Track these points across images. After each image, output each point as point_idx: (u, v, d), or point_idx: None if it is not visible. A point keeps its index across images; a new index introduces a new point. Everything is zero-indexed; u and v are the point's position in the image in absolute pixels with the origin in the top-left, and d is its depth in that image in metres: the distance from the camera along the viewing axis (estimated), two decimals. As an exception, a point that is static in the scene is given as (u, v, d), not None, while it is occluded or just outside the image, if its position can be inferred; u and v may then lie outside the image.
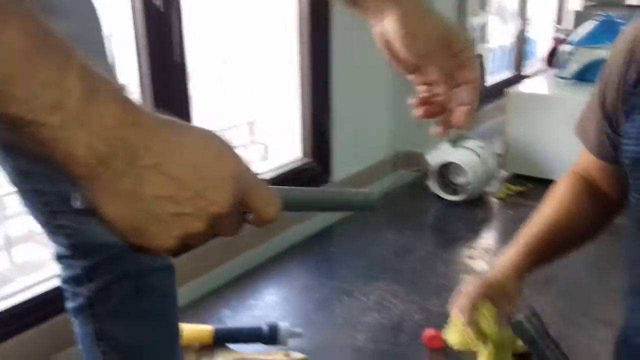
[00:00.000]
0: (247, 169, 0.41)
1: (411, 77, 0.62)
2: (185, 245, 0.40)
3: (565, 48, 2.04)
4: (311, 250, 1.49)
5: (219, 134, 0.41)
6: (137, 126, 0.37)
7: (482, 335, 0.79)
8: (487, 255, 1.43)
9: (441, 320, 1.14)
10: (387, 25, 0.57)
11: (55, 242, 0.69)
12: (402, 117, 1.91)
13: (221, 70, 1.97)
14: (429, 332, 1.08)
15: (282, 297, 1.28)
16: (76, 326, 0.73)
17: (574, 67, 1.97)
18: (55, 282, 0.98)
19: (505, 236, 1.56)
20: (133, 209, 0.37)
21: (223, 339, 1.06)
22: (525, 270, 0.84)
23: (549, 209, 0.89)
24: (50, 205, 0.65)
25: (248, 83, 1.86)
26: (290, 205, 0.45)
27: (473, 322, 0.78)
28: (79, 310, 0.71)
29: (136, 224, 0.38)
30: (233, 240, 1.36)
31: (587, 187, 0.89)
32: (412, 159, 1.92)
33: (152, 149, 0.37)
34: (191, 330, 1.06)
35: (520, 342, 0.81)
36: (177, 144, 0.38)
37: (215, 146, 0.40)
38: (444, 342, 1.06)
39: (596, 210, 0.88)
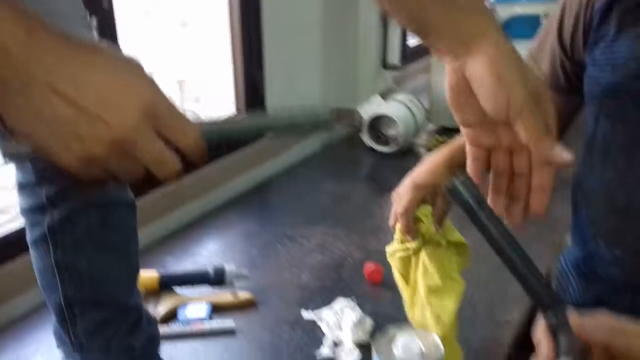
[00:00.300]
0: (163, 99, 0.41)
1: (472, 138, 0.52)
2: (96, 168, 0.40)
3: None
4: (251, 202, 1.50)
5: (139, 63, 0.41)
6: (36, 44, 0.37)
7: (421, 238, 0.81)
8: (419, 199, 1.50)
9: (379, 257, 1.21)
10: (473, 67, 0.48)
11: (20, 167, 0.68)
12: (333, 74, 1.94)
13: (147, 25, 1.92)
14: (369, 266, 1.14)
15: (225, 244, 1.30)
16: (35, 259, 0.71)
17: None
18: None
19: (436, 182, 1.64)
20: (35, 127, 0.38)
21: (169, 283, 1.06)
22: (457, 161, 0.81)
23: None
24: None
25: (176, 40, 1.83)
26: (216, 135, 0.45)
27: (411, 229, 0.78)
28: (39, 241, 0.70)
29: (40, 142, 0.39)
30: (172, 194, 1.36)
31: None
32: (345, 114, 1.96)
33: (49, 68, 0.37)
34: (136, 276, 1.06)
35: (455, 236, 0.84)
36: (80, 65, 0.38)
37: (127, 71, 0.40)
38: (383, 274, 1.13)
39: None
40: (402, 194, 0.79)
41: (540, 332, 0.49)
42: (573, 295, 0.92)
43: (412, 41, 2.58)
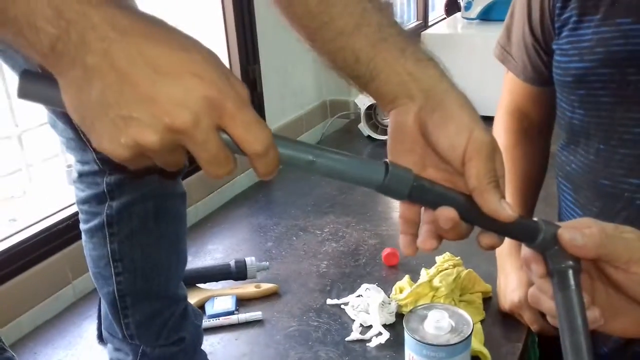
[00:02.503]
0: (233, 91, 0.35)
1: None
2: (141, 157, 0.35)
3: (469, -9, 2.16)
4: (258, 197, 1.52)
5: (210, 49, 0.36)
6: (90, 9, 0.32)
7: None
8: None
9: (393, 241, 1.23)
10: (436, 107, 0.45)
11: (81, 158, 0.69)
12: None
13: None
14: (386, 250, 1.16)
15: (240, 239, 1.31)
16: (89, 249, 0.72)
17: (477, 8, 2.11)
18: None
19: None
20: (83, 100, 0.33)
21: (192, 279, 1.07)
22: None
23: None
24: None
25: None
26: (285, 156, 0.39)
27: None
28: (95, 230, 0.70)
29: (86, 119, 0.34)
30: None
31: (521, 128, 0.95)
32: (339, 106, 1.99)
33: (106, 35, 0.32)
34: (160, 274, 1.07)
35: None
36: (141, 37, 0.33)
37: (195, 52, 0.34)
38: (399, 258, 1.15)
39: (534, 145, 0.97)
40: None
41: (528, 252, 0.48)
42: None
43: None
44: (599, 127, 0.78)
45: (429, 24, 2.95)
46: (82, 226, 0.73)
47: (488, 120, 1.97)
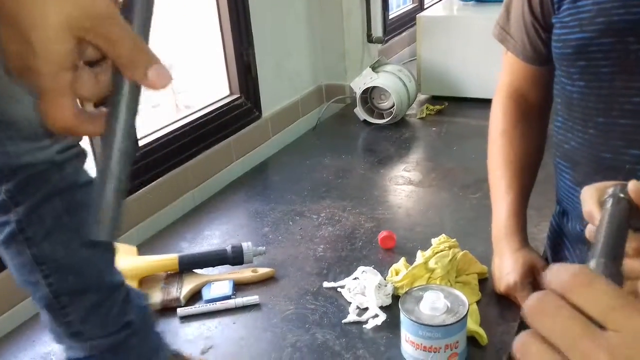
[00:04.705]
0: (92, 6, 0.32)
1: None
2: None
3: (465, -27, 2.14)
4: (254, 182, 1.51)
5: None
6: None
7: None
8: (418, 167, 1.53)
9: (389, 224, 1.24)
10: None
11: None
12: (320, 50, 1.95)
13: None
14: (382, 234, 1.17)
15: (236, 225, 1.31)
16: (9, 259, 0.71)
17: (474, -10, 2.09)
18: None
19: (432, 149, 1.68)
20: None
21: (188, 265, 1.07)
22: (524, 234, 0.93)
23: (501, 158, 0.95)
24: None
25: (164, 24, 1.81)
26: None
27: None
28: (9, 240, 0.69)
29: None
30: (176, 182, 1.36)
31: (519, 110, 0.95)
32: (335, 90, 1.98)
33: None
34: (156, 260, 1.07)
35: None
36: None
37: None
38: (395, 241, 1.16)
39: (533, 127, 0.96)
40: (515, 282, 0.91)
41: (592, 205, 0.45)
42: (567, 258, 0.93)
43: (392, 14, 2.58)
44: (599, 99, 0.78)
45: (425, 6, 2.93)
46: None
47: (484, 102, 1.96)
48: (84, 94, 0.34)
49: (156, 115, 1.89)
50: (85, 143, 0.73)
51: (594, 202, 0.45)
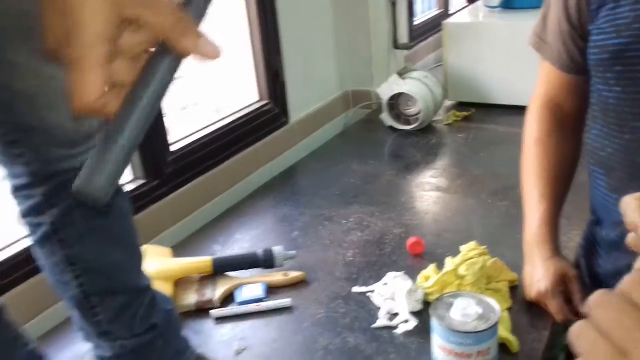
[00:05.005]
0: None
1: None
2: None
3: (492, -21, 2.15)
4: (282, 187, 1.54)
5: None
6: None
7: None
8: (445, 173, 1.54)
9: (417, 230, 1.25)
10: None
11: (12, 173, 0.70)
12: (347, 56, 1.97)
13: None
14: (411, 239, 1.18)
15: (265, 229, 1.33)
16: (43, 259, 0.74)
17: (500, -4, 2.09)
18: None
19: (459, 155, 1.68)
20: None
21: (222, 267, 1.10)
22: (556, 243, 0.94)
23: (535, 166, 0.95)
24: (7, 135, 0.66)
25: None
26: None
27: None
28: (44, 240, 0.72)
29: None
30: (206, 186, 1.39)
31: (554, 119, 0.95)
32: (361, 96, 1.99)
33: None
34: (190, 262, 1.10)
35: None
36: None
37: None
38: (424, 247, 1.17)
39: (567, 136, 0.96)
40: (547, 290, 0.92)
41: (635, 215, 0.46)
42: (601, 265, 0.93)
43: (416, 20, 2.59)
44: (635, 103, 0.79)
45: (450, 12, 2.93)
46: (30, 239, 0.74)
47: (511, 109, 1.96)
48: (116, 78, 0.35)
49: (189, 117, 1.92)
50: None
51: (636, 211, 0.46)
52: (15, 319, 0.73)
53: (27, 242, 0.99)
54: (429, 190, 1.45)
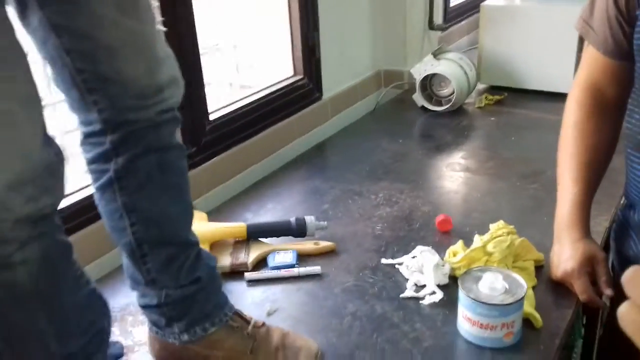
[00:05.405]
0: None
1: None
2: None
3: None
4: (314, 161, 1.57)
5: None
6: None
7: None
8: (475, 155, 1.55)
9: (445, 209, 1.27)
10: None
11: (85, 119, 0.74)
12: (382, 36, 1.98)
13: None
14: (439, 217, 1.20)
15: (297, 200, 1.37)
16: (103, 205, 0.78)
17: (540, -19, 2.06)
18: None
19: (490, 138, 1.69)
20: None
21: (255, 233, 1.14)
22: (587, 225, 0.95)
23: (571, 149, 0.96)
24: (87, 82, 0.70)
25: (231, 4, 1.87)
26: None
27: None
28: (106, 186, 0.76)
29: None
30: (241, 156, 1.43)
31: (594, 103, 0.96)
32: (394, 76, 2.01)
33: None
34: (226, 227, 1.14)
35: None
36: None
37: None
38: (452, 224, 1.19)
39: (606, 121, 0.97)
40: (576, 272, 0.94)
41: None
42: (633, 248, 0.95)
43: (452, 2, 2.58)
44: None
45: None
46: (93, 185, 0.78)
47: (544, 95, 1.95)
48: None
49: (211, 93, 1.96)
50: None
51: None
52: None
53: (89, 191, 1.05)
54: (459, 170, 1.46)
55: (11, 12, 0.64)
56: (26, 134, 0.60)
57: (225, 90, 2.13)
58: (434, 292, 0.99)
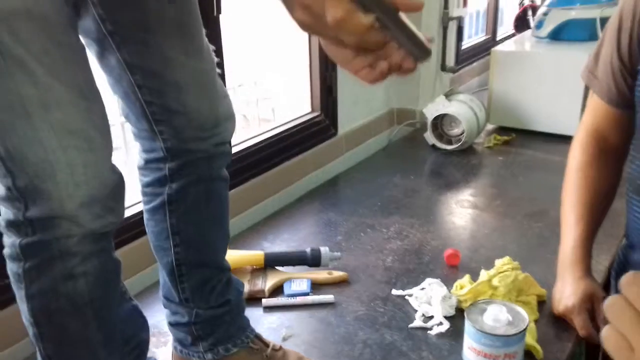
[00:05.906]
0: None
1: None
2: None
3: (541, 10, 2.22)
4: (328, 194, 1.64)
5: None
6: None
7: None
8: (484, 193, 1.61)
9: (454, 244, 1.33)
10: None
11: (149, 147, 0.82)
12: (396, 78, 2.06)
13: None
14: (448, 251, 1.26)
15: (311, 231, 1.44)
16: (152, 225, 0.86)
17: (549, 27, 2.15)
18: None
19: (498, 177, 1.75)
20: None
21: (272, 262, 1.20)
22: (589, 264, 1.00)
23: (575, 191, 1.02)
24: (155, 114, 0.78)
25: (254, 43, 1.98)
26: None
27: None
28: (158, 208, 0.84)
29: None
30: (260, 188, 1.50)
31: (598, 148, 1.02)
32: (406, 114, 2.09)
33: None
34: (244, 255, 1.21)
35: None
36: None
37: None
38: (460, 259, 1.25)
39: (609, 166, 1.03)
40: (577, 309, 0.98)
41: None
42: None
43: (464, 45, 2.67)
44: None
45: (498, 39, 3.00)
46: (145, 207, 0.85)
47: (551, 137, 2.01)
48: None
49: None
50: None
51: None
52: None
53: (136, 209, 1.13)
54: (467, 207, 1.53)
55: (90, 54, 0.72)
56: (101, 158, 0.67)
57: (240, 124, 2.23)
58: (441, 323, 1.04)
